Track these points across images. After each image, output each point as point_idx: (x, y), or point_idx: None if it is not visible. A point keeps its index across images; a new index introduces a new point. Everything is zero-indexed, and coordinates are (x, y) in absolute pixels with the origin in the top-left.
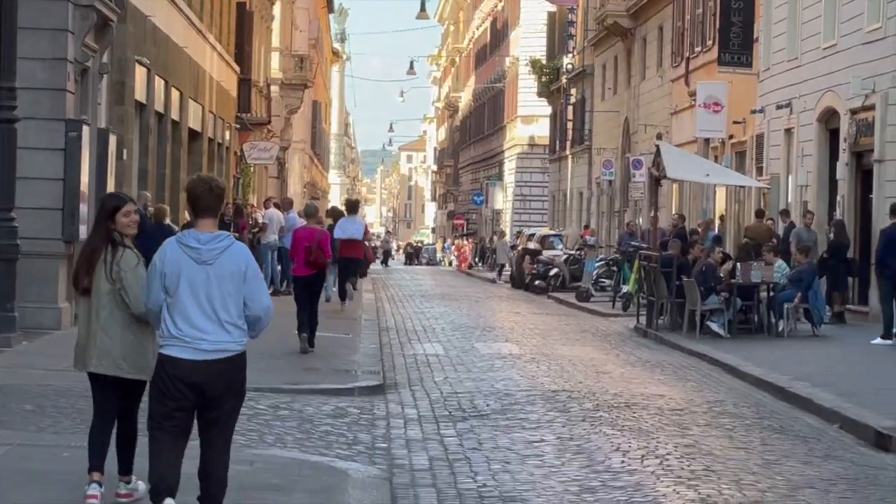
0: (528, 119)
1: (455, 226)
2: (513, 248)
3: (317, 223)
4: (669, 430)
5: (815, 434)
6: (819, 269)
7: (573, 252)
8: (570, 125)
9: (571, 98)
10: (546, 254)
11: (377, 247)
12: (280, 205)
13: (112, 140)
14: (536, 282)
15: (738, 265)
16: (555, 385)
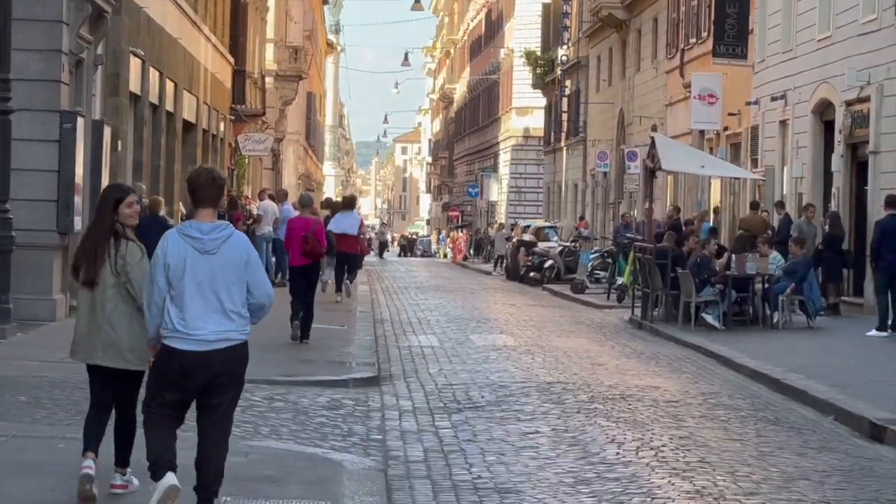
0: (523, 111)
1: (450, 217)
2: (508, 240)
3: (311, 213)
4: (664, 422)
5: (810, 426)
6: (814, 261)
7: (568, 244)
8: (565, 117)
9: (566, 90)
10: (541, 245)
11: (371, 239)
12: (275, 196)
13: (107, 131)
14: (531, 273)
15: (733, 257)
16: (550, 377)
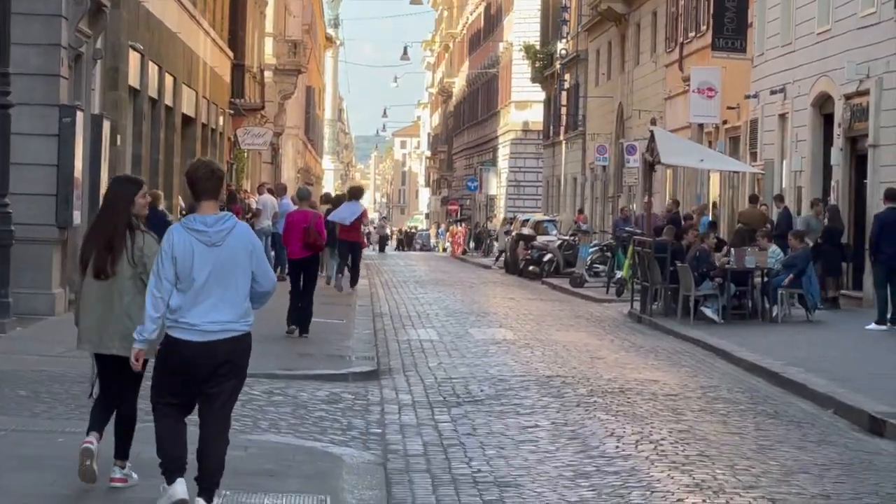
0: (522, 104)
1: (449, 211)
2: (507, 234)
3: (310, 206)
4: (664, 416)
5: (810, 419)
6: (813, 255)
7: (567, 238)
8: (564, 111)
9: (565, 83)
10: (540, 239)
11: (370, 233)
12: (274, 190)
13: (106, 126)
14: (530, 267)
15: (733, 250)
16: (549, 370)
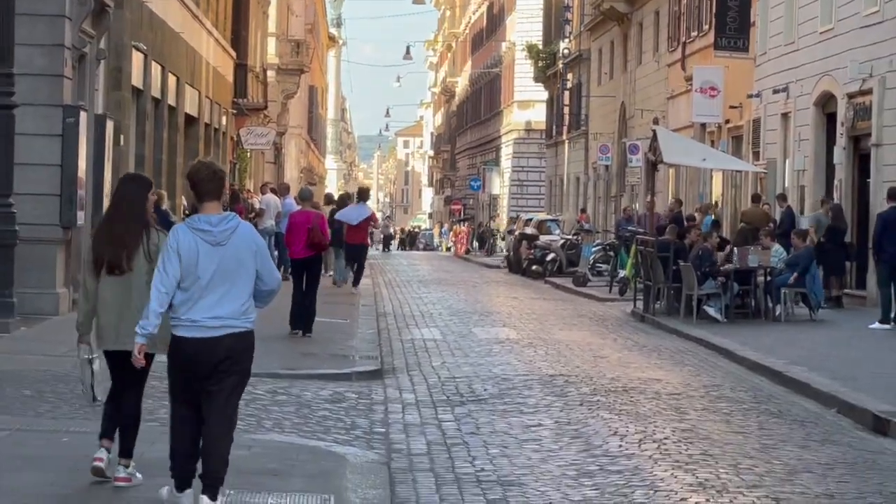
0: (525, 104)
1: (452, 211)
2: (509, 234)
3: (312, 207)
4: (667, 415)
5: (813, 418)
6: (816, 254)
7: (570, 237)
8: (567, 110)
9: (568, 83)
10: (543, 239)
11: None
12: (277, 190)
13: (109, 126)
14: (533, 267)
15: (736, 249)
16: (552, 370)
